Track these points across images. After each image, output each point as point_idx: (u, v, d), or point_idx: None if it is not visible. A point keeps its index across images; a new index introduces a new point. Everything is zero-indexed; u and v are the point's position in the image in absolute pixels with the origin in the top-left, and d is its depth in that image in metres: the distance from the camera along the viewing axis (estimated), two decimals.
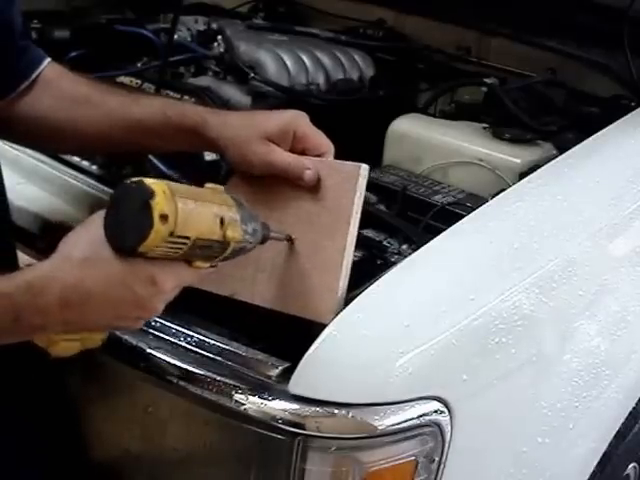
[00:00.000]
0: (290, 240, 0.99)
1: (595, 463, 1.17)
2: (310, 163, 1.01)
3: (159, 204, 0.77)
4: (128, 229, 0.79)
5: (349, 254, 0.97)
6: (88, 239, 0.83)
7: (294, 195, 1.02)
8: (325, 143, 1.04)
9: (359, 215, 0.98)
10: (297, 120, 1.04)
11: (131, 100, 1.08)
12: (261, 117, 1.05)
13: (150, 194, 0.78)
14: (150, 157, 1.29)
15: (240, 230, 0.86)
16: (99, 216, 0.82)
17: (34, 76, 1.08)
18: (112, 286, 0.82)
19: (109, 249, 0.81)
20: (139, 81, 1.51)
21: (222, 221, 0.84)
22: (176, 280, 0.85)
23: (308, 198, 1.01)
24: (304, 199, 1.01)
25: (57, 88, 1.09)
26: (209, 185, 0.88)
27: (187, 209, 0.80)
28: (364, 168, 0.99)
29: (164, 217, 0.77)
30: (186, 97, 1.41)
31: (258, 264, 1.00)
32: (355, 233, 0.98)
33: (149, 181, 0.79)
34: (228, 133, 1.03)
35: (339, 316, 0.92)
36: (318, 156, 1.03)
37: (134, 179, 0.80)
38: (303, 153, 1.02)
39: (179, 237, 0.80)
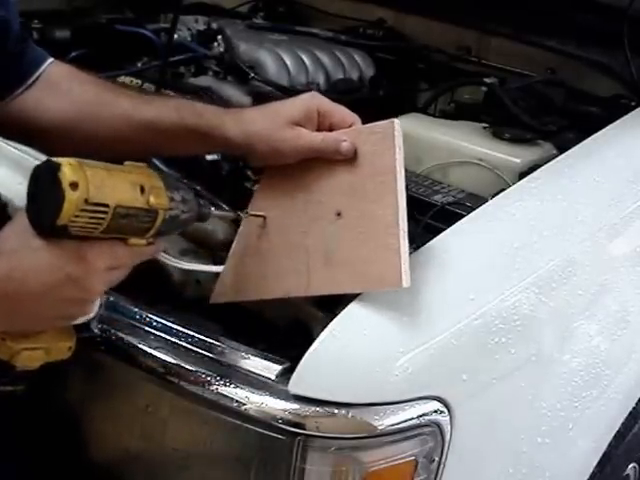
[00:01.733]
0: (238, 219, 0.99)
1: (595, 463, 1.17)
2: (343, 135, 0.99)
3: (66, 173, 0.78)
4: (44, 206, 0.79)
5: (403, 212, 0.93)
6: (15, 231, 0.83)
7: (331, 173, 1.00)
8: (350, 114, 1.03)
9: (403, 172, 0.95)
10: (317, 99, 1.03)
11: (144, 101, 1.07)
12: (281, 105, 1.04)
13: (56, 166, 0.79)
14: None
15: (165, 196, 0.85)
16: (22, 211, 0.82)
17: (33, 79, 1.06)
18: (43, 271, 0.81)
19: (36, 237, 0.81)
20: (139, 81, 1.51)
21: (142, 189, 0.83)
22: (110, 258, 0.84)
23: (347, 171, 0.98)
24: (343, 173, 0.99)
25: (65, 89, 1.07)
26: (128, 163, 0.87)
27: (99, 177, 0.80)
28: (397, 122, 0.97)
29: (74, 185, 0.78)
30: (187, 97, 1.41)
31: (309, 251, 0.97)
32: (404, 190, 0.94)
33: (56, 158, 0.80)
34: (251, 128, 1.01)
35: (339, 316, 0.92)
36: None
37: (44, 159, 0.81)
38: (330, 130, 1.01)
39: (96, 204, 0.79)
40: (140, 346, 0.98)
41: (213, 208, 0.93)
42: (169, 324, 1.00)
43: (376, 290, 0.92)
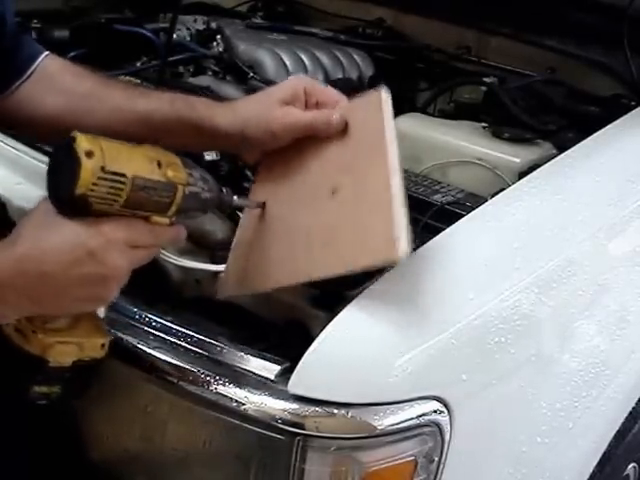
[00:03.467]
0: (262, 207, 0.98)
1: (595, 463, 1.17)
2: (333, 109, 1.00)
3: (81, 143, 0.79)
4: (62, 178, 0.80)
5: (396, 180, 0.90)
6: (36, 215, 0.83)
7: (324, 152, 1.00)
8: (336, 93, 1.05)
9: (394, 139, 0.94)
10: (303, 79, 1.06)
11: (137, 94, 1.07)
12: (268, 90, 1.06)
13: (72, 138, 0.79)
14: None
15: (184, 172, 0.85)
16: (43, 200, 0.83)
17: (29, 72, 1.06)
18: (61, 248, 0.81)
19: (55, 216, 0.81)
20: (138, 81, 1.50)
21: (159, 164, 0.84)
22: (129, 231, 0.83)
23: (339, 147, 0.98)
24: (335, 151, 0.99)
25: (60, 82, 1.08)
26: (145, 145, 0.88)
27: (115, 149, 0.81)
28: (385, 90, 0.97)
29: (89, 153, 0.78)
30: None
31: (309, 233, 0.95)
32: (396, 160, 0.92)
33: (70, 136, 0.80)
34: (243, 114, 1.02)
35: (339, 316, 0.92)
36: None
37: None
38: (317, 108, 1.03)
39: (114, 174, 0.80)
40: (140, 346, 0.98)
41: (235, 197, 0.92)
42: (169, 324, 1.00)
43: (374, 265, 0.89)
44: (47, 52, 1.10)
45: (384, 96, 0.96)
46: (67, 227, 0.81)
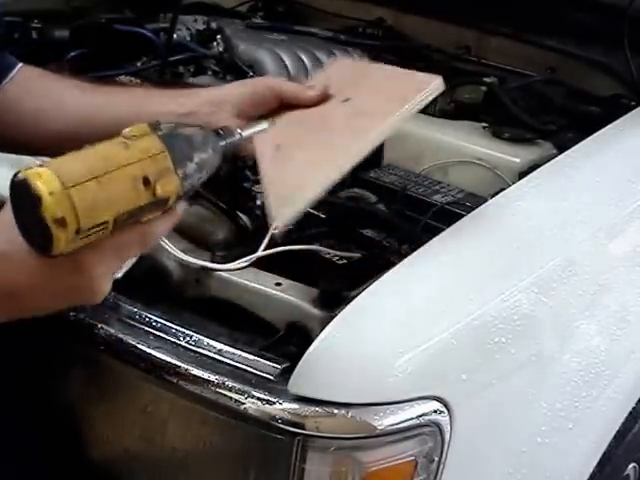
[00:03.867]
0: (274, 122, 0.96)
1: (595, 463, 1.17)
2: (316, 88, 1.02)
3: (48, 210, 0.67)
4: (33, 234, 0.71)
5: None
6: (5, 229, 0.74)
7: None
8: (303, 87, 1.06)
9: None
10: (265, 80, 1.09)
11: (95, 91, 1.07)
12: (224, 91, 1.06)
13: (37, 199, 0.67)
14: None
15: (176, 179, 0.75)
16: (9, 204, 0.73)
17: (5, 82, 1.06)
18: (36, 284, 0.75)
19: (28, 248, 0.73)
20: (139, 81, 1.51)
21: (146, 180, 0.72)
22: (113, 260, 0.77)
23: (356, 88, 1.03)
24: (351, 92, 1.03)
25: (28, 90, 1.07)
26: (127, 131, 0.76)
27: (90, 196, 0.69)
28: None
29: (60, 221, 0.68)
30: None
31: (333, 125, 0.98)
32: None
33: (34, 176, 0.68)
34: (196, 114, 1.01)
35: (339, 316, 0.92)
36: None
37: (21, 173, 0.69)
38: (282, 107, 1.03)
39: (91, 228, 0.70)
40: (140, 346, 0.98)
41: (239, 130, 0.86)
42: (169, 324, 1.00)
43: (420, 96, 0.97)
44: (19, 65, 1.09)
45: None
46: (42, 262, 0.73)
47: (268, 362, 0.94)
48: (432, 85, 0.96)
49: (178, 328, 1.00)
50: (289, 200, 0.95)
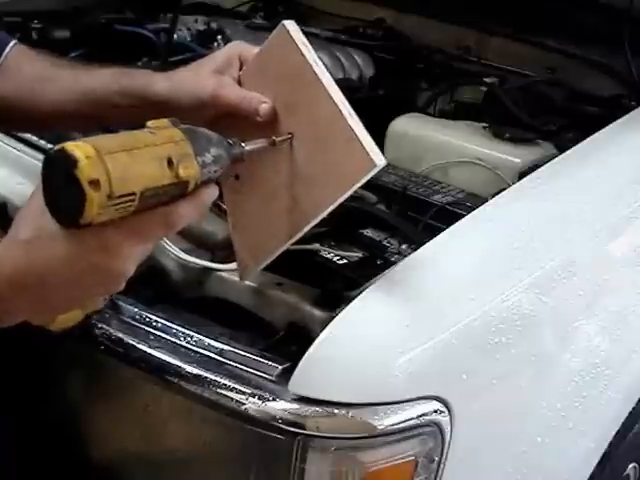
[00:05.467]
0: (273, 143, 0.93)
1: (595, 463, 1.17)
2: (265, 98, 0.97)
3: (84, 171, 0.70)
4: (63, 203, 0.73)
5: (340, 100, 0.91)
6: (32, 215, 0.78)
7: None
8: None
9: (320, 63, 0.94)
10: (239, 45, 1.04)
11: (84, 72, 1.07)
12: (204, 58, 1.05)
13: (73, 162, 0.71)
14: None
15: (196, 164, 0.80)
16: (37, 191, 0.76)
17: None
18: (63, 263, 0.76)
19: (54, 224, 0.75)
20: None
21: (170, 161, 0.77)
22: (136, 239, 0.78)
23: (279, 95, 0.97)
24: (277, 101, 0.97)
25: (14, 69, 1.08)
26: (150, 123, 0.81)
27: (121, 165, 0.73)
28: (288, 21, 0.97)
29: (94, 183, 0.70)
30: None
31: (288, 184, 0.95)
32: (330, 79, 0.93)
33: (71, 145, 0.72)
34: (177, 81, 1.01)
35: (339, 316, 0.92)
36: None
37: (58, 146, 0.73)
38: None
39: (122, 196, 0.73)
40: (140, 346, 0.98)
41: (243, 144, 0.88)
42: (169, 324, 1.00)
43: (360, 182, 0.88)
44: (13, 42, 1.09)
45: (289, 26, 0.96)
46: (68, 239, 0.76)
47: (268, 362, 0.94)
48: (376, 169, 0.89)
49: (178, 328, 1.00)
50: (259, 254, 0.99)
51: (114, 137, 0.77)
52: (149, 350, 0.98)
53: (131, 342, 0.99)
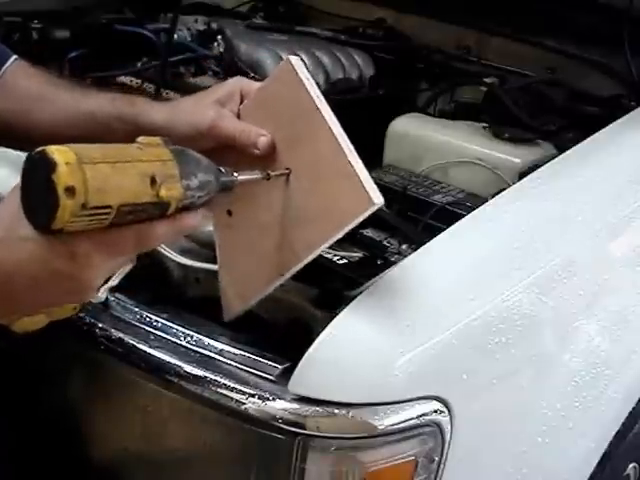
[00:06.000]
0: (268, 176, 0.92)
1: (595, 463, 1.17)
2: (264, 131, 0.96)
3: (61, 176, 0.70)
4: (38, 206, 0.73)
5: (341, 136, 0.89)
6: (8, 214, 0.77)
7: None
8: None
9: (323, 99, 0.93)
10: (242, 81, 1.04)
11: (82, 93, 1.07)
12: (208, 90, 1.05)
13: (52, 166, 0.70)
14: None
15: (179, 187, 0.78)
16: (17, 189, 0.76)
17: None
18: (31, 265, 0.76)
19: (27, 225, 0.75)
20: (139, 81, 1.51)
21: (153, 180, 0.75)
22: (107, 252, 0.77)
23: (278, 130, 0.96)
24: (276, 136, 0.96)
25: (11, 86, 1.08)
26: (141, 139, 0.80)
27: (101, 176, 0.72)
28: (293, 57, 0.96)
29: (70, 190, 0.70)
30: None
31: (281, 222, 0.94)
32: (332, 116, 0.91)
33: (53, 149, 0.72)
34: (178, 111, 1.01)
35: (339, 316, 0.92)
36: None
37: (39, 148, 0.73)
38: None
39: (97, 207, 0.72)
40: (140, 346, 0.98)
41: (236, 174, 0.88)
42: (169, 324, 1.00)
43: (356, 220, 0.87)
44: (13, 58, 1.09)
45: (294, 61, 0.95)
46: (38, 243, 0.75)
47: (268, 362, 0.94)
48: (374, 207, 0.87)
49: (178, 328, 1.00)
50: (245, 294, 0.98)
51: (100, 147, 0.76)
52: (149, 350, 0.98)
53: (131, 342, 0.99)
